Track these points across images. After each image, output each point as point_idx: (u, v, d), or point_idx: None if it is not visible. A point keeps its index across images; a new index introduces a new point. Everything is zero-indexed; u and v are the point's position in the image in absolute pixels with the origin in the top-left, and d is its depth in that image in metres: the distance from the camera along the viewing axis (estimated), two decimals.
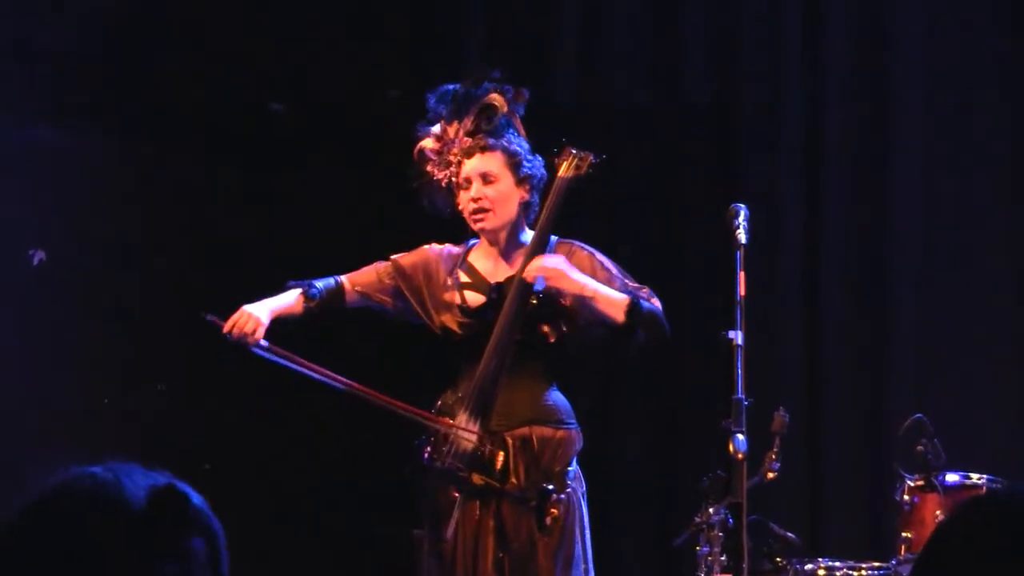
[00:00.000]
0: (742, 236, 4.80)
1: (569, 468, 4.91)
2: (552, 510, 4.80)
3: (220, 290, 6.85)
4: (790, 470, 5.19)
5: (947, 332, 6.56)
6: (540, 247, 4.93)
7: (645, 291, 4.93)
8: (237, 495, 6.74)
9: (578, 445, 4.96)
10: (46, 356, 6.63)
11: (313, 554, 6.86)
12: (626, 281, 4.96)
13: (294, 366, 4.92)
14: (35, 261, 6.59)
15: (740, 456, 4.55)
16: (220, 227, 6.93)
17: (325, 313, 5.04)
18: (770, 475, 4.88)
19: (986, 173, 6.60)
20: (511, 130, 5.04)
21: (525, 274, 4.86)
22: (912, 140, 6.64)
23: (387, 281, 5.07)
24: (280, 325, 4.95)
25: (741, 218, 4.84)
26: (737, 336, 4.64)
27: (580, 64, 6.93)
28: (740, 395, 4.59)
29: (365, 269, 5.12)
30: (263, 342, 4.87)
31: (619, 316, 4.82)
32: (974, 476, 5.23)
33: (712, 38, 6.85)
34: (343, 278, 5.08)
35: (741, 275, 4.72)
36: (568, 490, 4.87)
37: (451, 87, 5.08)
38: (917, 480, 5.20)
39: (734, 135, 6.83)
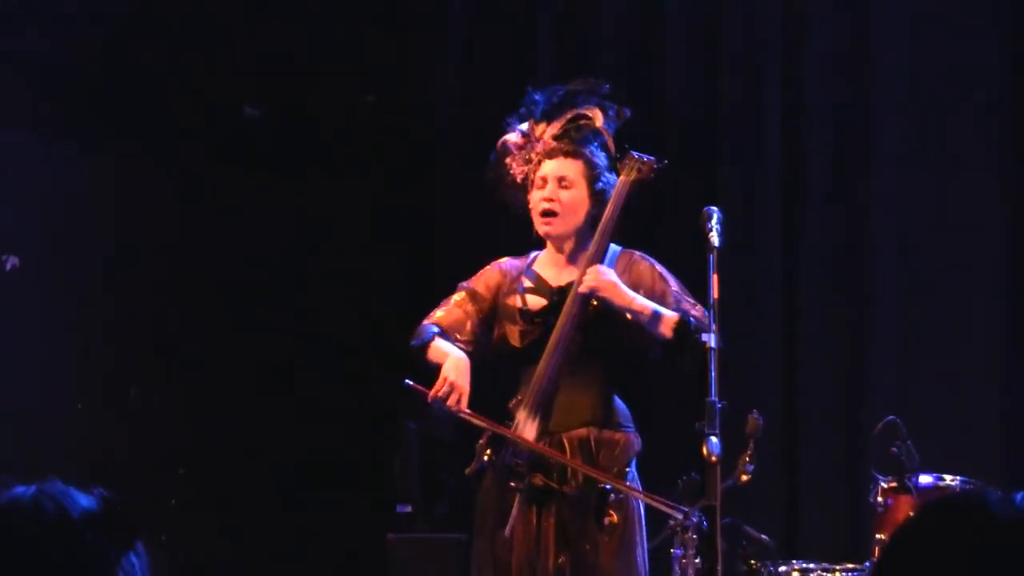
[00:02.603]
0: (715, 239, 4.80)
1: (627, 470, 4.93)
2: (610, 510, 4.81)
3: (202, 296, 6.89)
4: (764, 473, 5.19)
5: (923, 335, 6.57)
6: (600, 251, 4.97)
7: (699, 309, 4.92)
8: (210, 500, 6.74)
9: (636, 448, 4.98)
10: (19, 360, 6.61)
11: (289, 559, 6.86)
12: (684, 296, 4.98)
13: (485, 426, 4.88)
14: (7, 267, 6.57)
15: (714, 459, 4.54)
16: (201, 232, 6.93)
17: None
18: (744, 478, 4.87)
19: (966, 179, 6.60)
20: (598, 144, 5.06)
21: (580, 287, 4.88)
22: (891, 146, 6.64)
23: (470, 309, 5.05)
24: None
25: (714, 221, 4.84)
26: (711, 339, 4.64)
27: (557, 70, 6.94)
28: (714, 398, 4.60)
29: (447, 309, 5.07)
30: (465, 409, 4.85)
31: (667, 333, 4.86)
32: (947, 478, 5.23)
33: (692, 44, 6.86)
34: (436, 325, 5.02)
35: (714, 278, 4.72)
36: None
37: (555, 88, 5.10)
38: (891, 482, 5.21)
39: (713, 142, 6.84)
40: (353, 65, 7.13)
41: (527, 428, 4.86)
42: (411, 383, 4.84)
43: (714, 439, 4.56)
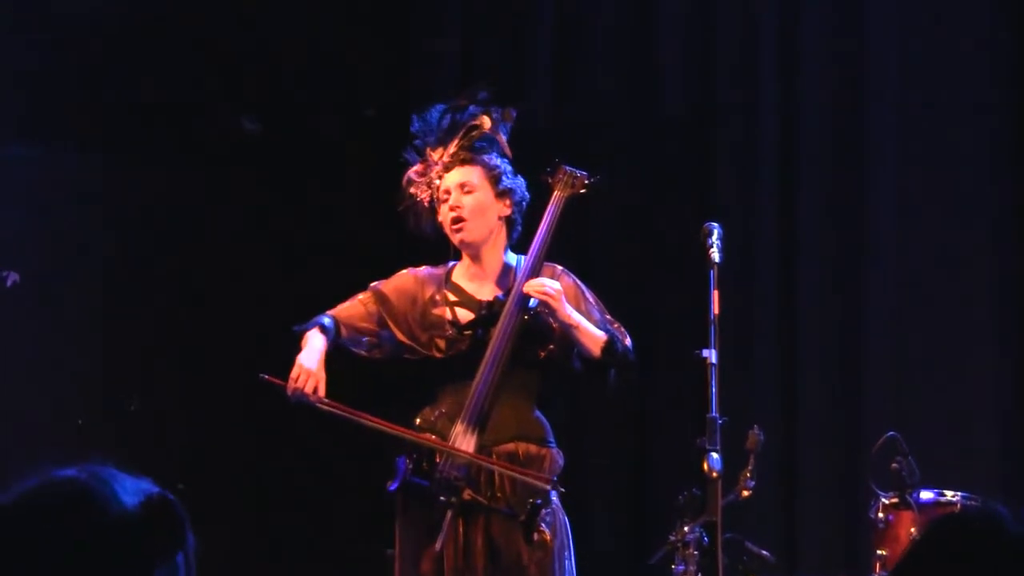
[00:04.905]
0: (716, 255, 4.83)
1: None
2: (540, 525, 4.81)
3: (196, 304, 6.88)
4: (765, 488, 5.19)
5: (923, 349, 6.55)
6: (538, 265, 4.98)
7: (619, 328, 4.99)
8: (211, 514, 6.73)
9: (559, 464, 4.98)
10: (19, 373, 6.61)
11: (287, 573, 6.85)
12: (605, 315, 5.01)
13: (347, 416, 4.86)
14: (8, 283, 6.57)
15: (715, 474, 4.56)
16: (196, 241, 6.93)
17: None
18: (745, 493, 4.88)
19: (965, 188, 6.58)
20: (494, 148, 5.08)
21: (526, 288, 4.89)
22: (888, 152, 6.64)
23: (372, 309, 5.05)
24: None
25: (715, 236, 4.87)
26: (711, 354, 4.66)
27: (555, 80, 6.95)
28: (715, 413, 4.61)
29: (349, 303, 5.08)
30: (324, 398, 4.85)
31: (596, 352, 4.89)
32: (948, 493, 5.22)
33: (688, 52, 6.86)
34: (332, 315, 5.03)
35: (715, 293, 4.75)
36: (553, 506, 4.88)
37: (437, 111, 5.12)
38: (891, 497, 5.20)
39: (709, 150, 6.84)
40: (351, 72, 7.13)
41: (466, 442, 4.86)
42: (267, 376, 4.84)
43: (715, 455, 4.58)
